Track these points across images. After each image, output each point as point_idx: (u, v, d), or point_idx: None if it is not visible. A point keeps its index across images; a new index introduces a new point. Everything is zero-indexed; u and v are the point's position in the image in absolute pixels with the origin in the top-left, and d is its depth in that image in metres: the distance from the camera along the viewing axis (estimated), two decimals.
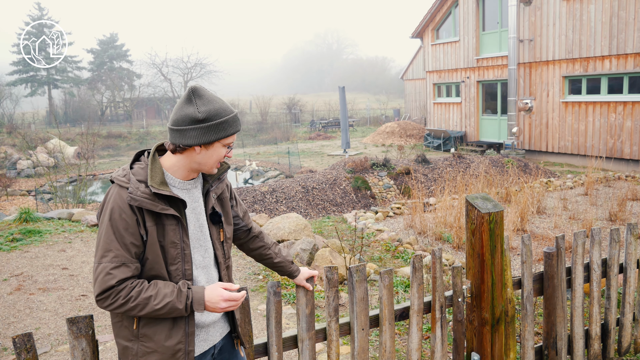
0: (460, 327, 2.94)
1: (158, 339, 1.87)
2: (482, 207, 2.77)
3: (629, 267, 3.62)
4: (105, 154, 28.52)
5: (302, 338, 2.49)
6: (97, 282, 1.77)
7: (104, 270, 1.77)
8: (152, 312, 1.79)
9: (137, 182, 1.83)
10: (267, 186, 11.41)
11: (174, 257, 1.88)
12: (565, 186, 11.33)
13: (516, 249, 6.75)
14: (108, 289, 1.76)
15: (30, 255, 6.56)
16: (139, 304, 1.78)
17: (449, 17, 21.07)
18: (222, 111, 1.87)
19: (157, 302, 1.79)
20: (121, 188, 1.83)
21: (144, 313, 1.79)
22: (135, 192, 1.81)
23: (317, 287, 5.28)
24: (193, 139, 1.85)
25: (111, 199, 1.83)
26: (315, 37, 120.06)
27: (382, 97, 59.87)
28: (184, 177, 1.95)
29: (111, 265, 1.77)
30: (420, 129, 25.73)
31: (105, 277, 1.76)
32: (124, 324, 1.89)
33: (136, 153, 1.97)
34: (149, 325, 1.87)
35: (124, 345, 1.90)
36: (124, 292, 1.77)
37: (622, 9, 14.22)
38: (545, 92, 16.89)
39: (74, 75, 50.47)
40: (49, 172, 15.51)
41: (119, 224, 1.79)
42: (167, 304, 1.80)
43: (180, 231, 1.89)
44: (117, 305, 1.77)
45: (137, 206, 1.81)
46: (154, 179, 1.84)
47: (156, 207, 1.82)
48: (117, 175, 1.88)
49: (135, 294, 1.78)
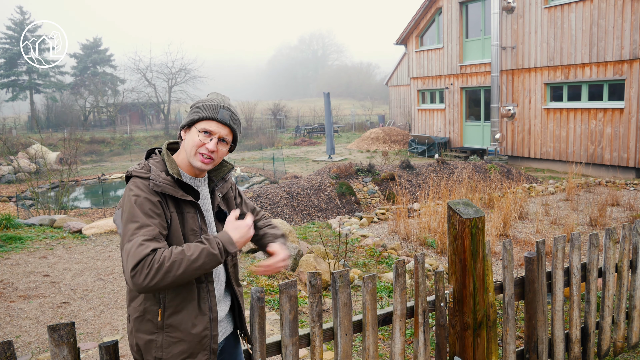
0: (442, 332, 2.97)
1: (185, 327, 1.89)
2: (463, 213, 2.81)
3: (608, 271, 3.68)
4: (88, 159, 28.23)
5: (286, 344, 2.50)
6: (130, 256, 1.72)
7: (136, 243, 1.74)
8: (189, 265, 1.74)
9: (157, 170, 1.91)
10: (251, 192, 11.38)
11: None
12: (547, 192, 11.47)
13: (499, 254, 6.81)
14: (142, 258, 1.71)
15: (10, 262, 6.47)
16: (175, 260, 1.72)
17: (433, 24, 21.27)
18: (208, 100, 1.98)
19: (191, 253, 1.76)
20: (141, 179, 1.88)
21: (181, 271, 1.73)
22: (157, 179, 1.88)
23: (301, 292, 5.28)
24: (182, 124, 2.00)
25: (132, 192, 1.85)
26: (300, 43, 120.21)
27: (367, 103, 60.13)
28: (189, 172, 2.02)
29: (143, 237, 1.76)
30: (405, 135, 25.87)
31: (139, 247, 1.73)
32: (147, 317, 1.89)
33: (147, 151, 2.05)
34: (174, 315, 1.89)
35: (146, 340, 1.89)
36: (157, 256, 1.72)
37: (602, 18, 14.48)
38: (527, 99, 17.11)
39: (57, 80, 49.98)
40: (30, 177, 15.30)
41: (145, 206, 1.82)
42: (202, 251, 1.77)
43: (198, 219, 1.96)
44: (153, 272, 1.70)
45: (160, 192, 1.86)
46: (172, 169, 1.94)
47: (177, 192, 1.89)
48: (134, 169, 1.93)
49: (167, 254, 1.74)
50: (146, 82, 46.26)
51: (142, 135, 37.13)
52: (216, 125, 1.94)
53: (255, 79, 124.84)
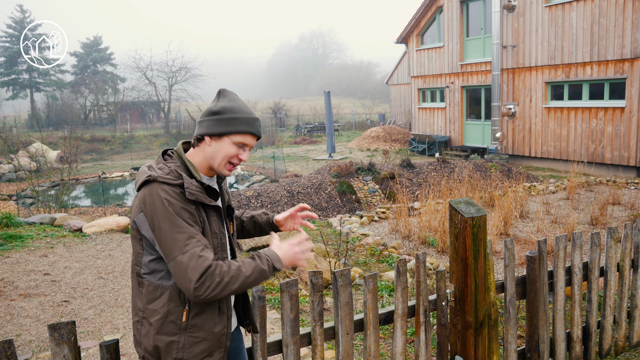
0: (444, 331, 2.96)
1: (208, 327, 1.92)
2: (465, 212, 2.80)
3: (610, 270, 3.67)
4: (89, 158, 28.23)
5: (287, 343, 2.49)
6: (191, 269, 1.76)
7: (195, 255, 1.77)
8: (244, 281, 1.83)
9: (188, 177, 1.90)
10: (252, 190, 11.38)
11: (216, 247, 1.97)
12: (547, 191, 11.46)
13: (500, 253, 6.80)
14: (205, 270, 1.76)
15: (11, 261, 6.46)
16: (233, 276, 1.81)
17: (434, 23, 21.24)
18: (238, 110, 1.95)
19: (246, 270, 1.84)
20: (170, 185, 1.85)
21: (236, 286, 1.81)
22: (191, 187, 1.87)
23: (301, 291, 5.28)
24: (205, 128, 1.94)
25: (162, 197, 1.82)
26: (301, 42, 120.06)
27: (368, 102, 60.06)
28: (206, 173, 2.02)
29: (199, 248, 1.79)
30: (405, 134, 25.86)
31: (199, 260, 1.77)
32: (170, 319, 1.88)
33: (161, 152, 2.03)
34: (198, 315, 1.91)
35: (168, 341, 1.88)
36: (217, 270, 1.79)
37: (602, 17, 14.45)
38: (528, 98, 17.09)
39: (57, 78, 49.93)
40: (30, 176, 15.30)
41: (184, 215, 1.83)
42: (255, 268, 1.86)
43: (218, 222, 1.99)
44: (215, 284, 1.77)
45: (194, 200, 1.87)
46: (197, 175, 1.95)
47: (207, 199, 1.91)
48: (160, 174, 1.87)
49: (226, 269, 1.81)
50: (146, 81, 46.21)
51: (142, 133, 37.12)
52: (251, 138, 1.98)
53: (255, 77, 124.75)
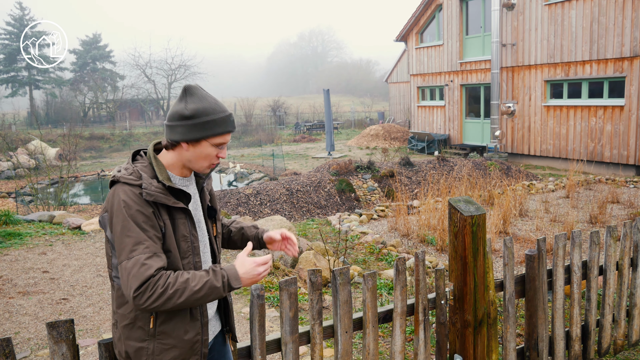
0: (443, 330, 2.96)
1: (177, 334, 1.87)
2: (464, 210, 2.79)
3: (609, 269, 3.67)
4: (88, 155, 28.21)
5: (286, 341, 2.49)
6: (132, 276, 1.70)
7: (139, 262, 1.71)
8: (191, 295, 1.74)
9: (148, 178, 1.85)
10: (251, 188, 11.37)
11: (185, 250, 1.90)
12: (547, 189, 11.46)
13: (499, 252, 6.80)
14: (146, 280, 1.70)
15: (9, 259, 6.46)
16: (178, 289, 1.73)
17: (433, 21, 21.22)
18: (211, 110, 1.87)
19: (195, 284, 1.75)
20: (130, 186, 1.82)
21: (182, 299, 1.73)
22: (150, 188, 1.82)
23: (300, 290, 5.28)
24: (179, 135, 1.86)
25: (120, 198, 1.80)
26: (300, 40, 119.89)
27: (367, 100, 60.06)
28: (180, 173, 1.98)
29: (145, 255, 1.73)
30: (405, 132, 25.85)
31: (141, 268, 1.71)
32: (138, 325, 1.85)
33: (132, 152, 1.99)
34: (167, 322, 1.86)
35: (137, 347, 1.86)
36: (161, 281, 1.72)
37: (602, 15, 14.45)
38: (527, 96, 17.09)
39: (56, 76, 49.91)
40: (29, 173, 15.28)
41: (138, 218, 1.77)
42: (206, 283, 1.76)
43: (188, 224, 1.93)
44: (156, 295, 1.70)
45: (153, 201, 1.81)
46: (162, 175, 1.88)
47: (169, 200, 1.85)
48: (122, 174, 1.85)
49: (172, 280, 1.73)
50: (145, 79, 46.25)
51: (141, 131, 37.09)
52: (229, 135, 1.94)
53: (254, 75, 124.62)
